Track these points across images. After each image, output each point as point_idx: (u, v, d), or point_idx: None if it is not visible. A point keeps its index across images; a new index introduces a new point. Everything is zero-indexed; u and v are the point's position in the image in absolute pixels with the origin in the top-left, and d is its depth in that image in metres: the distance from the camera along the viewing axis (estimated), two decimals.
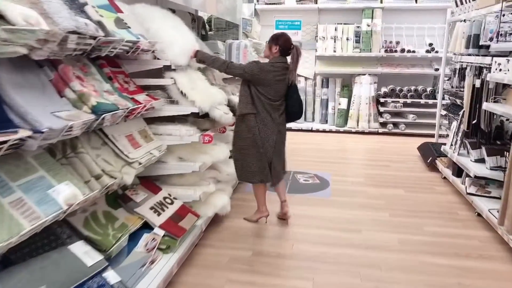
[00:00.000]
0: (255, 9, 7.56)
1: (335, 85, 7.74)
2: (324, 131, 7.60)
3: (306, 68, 7.89)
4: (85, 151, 2.12)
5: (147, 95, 2.80)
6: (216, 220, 3.38)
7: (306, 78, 7.87)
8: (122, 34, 2.31)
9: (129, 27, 2.47)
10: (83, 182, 2.04)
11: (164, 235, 2.59)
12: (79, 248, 1.96)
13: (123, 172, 2.29)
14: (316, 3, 7.66)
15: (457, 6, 5.09)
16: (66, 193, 1.79)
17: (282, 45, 3.20)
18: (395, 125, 7.44)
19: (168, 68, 2.84)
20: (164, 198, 2.89)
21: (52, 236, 2.05)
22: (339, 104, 7.67)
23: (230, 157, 3.49)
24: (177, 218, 2.78)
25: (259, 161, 3.21)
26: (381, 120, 7.40)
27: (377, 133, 7.41)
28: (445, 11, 7.40)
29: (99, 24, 2.08)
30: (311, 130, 7.63)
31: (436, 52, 7.21)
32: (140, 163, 2.49)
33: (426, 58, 7.44)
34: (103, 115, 2.05)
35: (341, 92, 7.68)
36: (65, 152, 2.06)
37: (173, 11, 4.04)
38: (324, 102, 7.84)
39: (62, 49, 1.77)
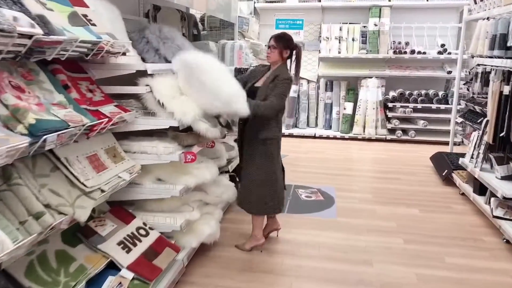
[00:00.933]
0: (254, 7, 7.09)
1: (339, 89, 7.26)
2: (327, 138, 7.12)
3: (309, 70, 7.42)
4: (22, 182, 1.66)
5: (116, 105, 2.33)
6: (202, 250, 2.90)
7: (308, 81, 7.39)
8: (77, 33, 1.84)
9: (89, 25, 2.00)
10: (18, 223, 1.58)
11: (133, 278, 2.12)
12: None
13: (76, 205, 1.82)
14: (320, 1, 7.19)
15: (476, 3, 4.60)
16: None
17: (292, 48, 2.86)
18: (404, 131, 6.95)
19: (144, 73, 2.37)
20: (138, 228, 2.42)
21: None
22: (344, 108, 7.18)
23: (226, 173, 3.03)
24: (152, 254, 2.31)
25: (276, 191, 2.89)
26: (389, 126, 6.91)
27: (385, 140, 6.92)
28: (458, 9, 6.93)
29: (40, 18, 1.61)
30: (314, 137, 7.15)
31: (449, 53, 6.73)
32: (103, 191, 2.02)
33: (437, 60, 6.95)
34: (45, 137, 1.58)
35: (346, 96, 7.20)
36: None
37: (158, 9, 3.59)
38: (328, 107, 7.36)
39: None
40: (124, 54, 2.33)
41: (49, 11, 1.79)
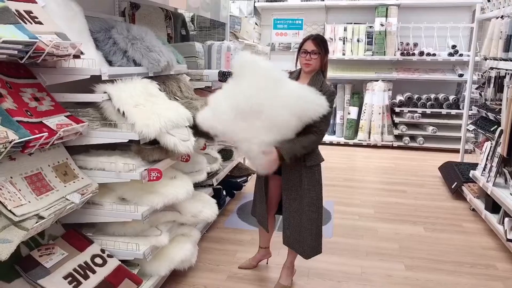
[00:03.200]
0: (254, 6, 6.77)
1: (344, 92, 6.89)
2: (331, 144, 6.76)
3: None
4: None
5: (68, 116, 2.03)
6: (175, 276, 2.58)
7: None
8: (1, 32, 1.53)
9: (21, 22, 1.69)
10: None
11: None
12: None
13: None
14: (323, 0, 6.83)
15: (489, 1, 4.22)
16: None
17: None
18: (412, 138, 6.55)
19: (99, 78, 2.06)
20: (93, 257, 2.10)
21: None
22: (349, 113, 6.82)
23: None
24: None
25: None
26: (396, 132, 6.53)
27: (392, 147, 6.53)
28: (470, 8, 6.52)
29: None
30: None
31: (460, 55, 6.31)
32: (41, 218, 1.71)
33: (448, 62, 6.54)
34: None
35: (351, 100, 6.83)
36: None
37: (137, 7, 3.29)
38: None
39: None
40: (77, 56, 2.02)
41: None
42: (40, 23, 1.91)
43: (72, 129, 1.96)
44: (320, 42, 2.32)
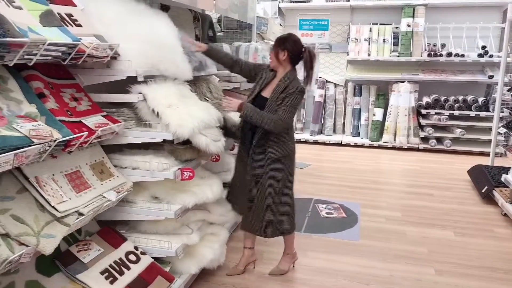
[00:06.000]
0: (279, 7, 6.78)
1: (369, 93, 6.83)
2: (355, 146, 6.70)
3: (336, 73, 7.03)
4: None
5: (105, 116, 2.09)
6: (204, 275, 2.61)
7: (336, 85, 7.00)
8: (47, 34, 1.59)
9: (63, 25, 1.75)
10: None
11: None
12: None
13: (43, 234, 1.57)
14: (348, 0, 6.79)
15: None
16: None
17: (292, 49, 2.44)
18: (439, 140, 6.43)
19: (134, 79, 2.11)
20: (128, 253, 2.15)
21: None
22: (374, 115, 6.75)
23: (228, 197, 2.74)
24: (140, 285, 2.04)
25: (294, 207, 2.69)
26: (422, 134, 6.42)
27: (417, 150, 6.42)
28: (501, 8, 6.36)
29: None
30: (341, 144, 6.75)
31: (490, 56, 6.17)
32: (81, 214, 1.77)
33: (477, 63, 6.40)
34: None
35: (376, 102, 6.75)
36: None
37: (167, 8, 3.34)
38: (356, 112, 6.94)
39: None
40: (114, 58, 2.08)
41: (15, 10, 1.55)
42: (79, 25, 1.97)
43: (109, 128, 2.01)
44: (276, 41, 2.52)
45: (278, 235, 2.65)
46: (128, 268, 2.08)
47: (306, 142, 6.81)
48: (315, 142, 6.84)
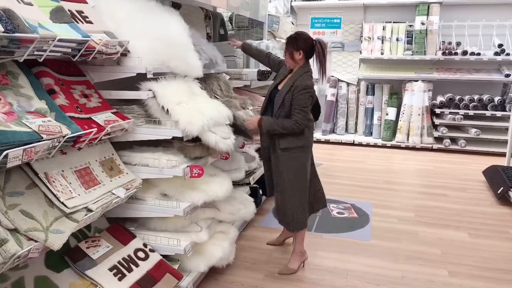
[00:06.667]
0: (291, 6, 6.74)
1: (382, 92, 6.75)
2: (367, 145, 6.63)
3: (349, 72, 6.96)
4: None
5: (114, 112, 2.09)
6: (213, 273, 2.61)
7: (348, 84, 6.94)
8: (57, 30, 1.59)
9: (74, 21, 1.76)
10: None
11: None
12: None
13: (51, 229, 1.57)
14: None
15: None
16: None
17: (305, 47, 2.53)
18: (453, 140, 6.32)
19: (145, 76, 2.11)
20: (136, 251, 2.15)
21: None
22: (387, 114, 6.67)
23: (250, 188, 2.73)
24: (149, 282, 2.03)
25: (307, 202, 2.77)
26: (436, 134, 6.32)
27: (431, 150, 6.33)
28: None
29: (6, 13, 1.37)
30: (353, 144, 6.68)
31: (507, 54, 6.04)
32: (90, 210, 1.77)
33: (494, 61, 6.27)
34: (6, 152, 1.34)
35: (389, 101, 6.67)
36: None
37: (178, 7, 3.35)
38: (368, 112, 6.87)
39: None
40: (124, 55, 2.08)
41: (25, 6, 1.56)
42: (90, 22, 1.98)
43: (119, 125, 2.01)
44: (288, 41, 2.57)
45: (290, 230, 2.75)
46: (137, 265, 2.08)
47: (318, 141, 6.77)
48: (327, 142, 6.79)
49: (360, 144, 6.67)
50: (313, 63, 2.55)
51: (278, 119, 2.50)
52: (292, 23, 6.55)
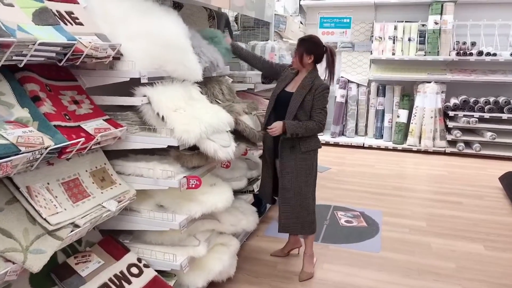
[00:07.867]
0: (300, 5, 6.58)
1: (393, 94, 6.55)
2: (378, 148, 6.43)
3: (359, 73, 6.78)
4: None
5: (107, 120, 1.97)
6: (213, 287, 2.47)
7: (358, 85, 6.75)
8: (39, 33, 1.47)
9: (60, 23, 1.63)
10: None
11: None
12: None
13: (31, 249, 1.45)
14: None
15: None
16: None
17: (316, 52, 2.51)
18: (468, 144, 6.10)
19: (138, 81, 1.98)
20: (130, 266, 2.03)
21: None
22: (398, 116, 6.46)
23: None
24: None
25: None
26: (450, 137, 6.10)
27: (444, 153, 6.11)
28: None
29: None
30: (363, 147, 6.50)
31: None
32: (76, 226, 1.65)
33: (510, 62, 6.02)
34: None
35: (401, 103, 6.47)
36: None
37: (180, 6, 3.22)
38: (379, 114, 6.68)
39: None
40: (117, 58, 1.96)
41: (5, 7, 1.44)
42: (81, 24, 1.86)
43: (110, 133, 1.89)
44: (300, 42, 2.54)
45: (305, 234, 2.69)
46: (129, 282, 1.95)
47: (327, 144, 6.59)
48: (336, 144, 6.62)
49: (370, 147, 6.49)
50: (320, 68, 2.46)
51: (300, 122, 2.47)
52: (301, 23, 6.39)
